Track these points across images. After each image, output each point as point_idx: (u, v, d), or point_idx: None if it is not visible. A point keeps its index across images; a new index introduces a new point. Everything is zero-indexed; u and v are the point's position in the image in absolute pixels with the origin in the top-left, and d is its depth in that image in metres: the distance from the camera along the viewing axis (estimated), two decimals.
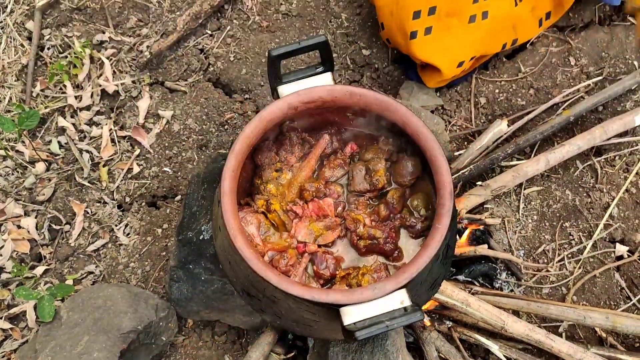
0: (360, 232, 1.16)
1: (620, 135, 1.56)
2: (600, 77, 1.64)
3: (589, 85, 1.64)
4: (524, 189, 1.55)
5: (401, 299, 0.95)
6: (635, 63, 1.66)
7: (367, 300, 0.94)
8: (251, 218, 1.15)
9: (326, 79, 1.12)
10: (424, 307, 1.38)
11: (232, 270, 1.10)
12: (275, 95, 1.11)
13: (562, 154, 1.49)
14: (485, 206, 1.52)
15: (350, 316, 0.93)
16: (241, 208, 1.18)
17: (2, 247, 1.48)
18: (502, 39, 1.60)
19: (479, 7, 1.48)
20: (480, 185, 1.49)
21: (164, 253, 1.50)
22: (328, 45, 1.07)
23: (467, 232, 1.46)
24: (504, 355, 1.31)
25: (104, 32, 1.73)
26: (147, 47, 1.71)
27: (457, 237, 1.45)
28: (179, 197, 1.57)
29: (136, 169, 1.60)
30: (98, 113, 1.66)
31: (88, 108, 1.65)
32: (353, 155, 1.25)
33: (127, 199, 1.57)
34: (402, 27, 1.49)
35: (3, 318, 1.43)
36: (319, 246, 1.16)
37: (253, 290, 1.07)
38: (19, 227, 1.51)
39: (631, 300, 1.45)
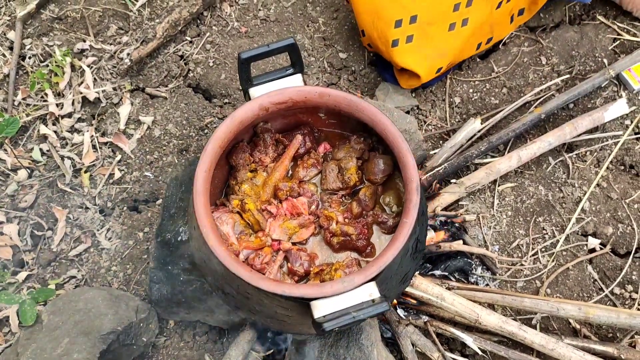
0: (333, 229, 1.19)
1: (591, 131, 1.60)
2: (570, 75, 1.68)
3: (560, 83, 1.68)
4: (498, 185, 1.59)
5: (370, 292, 0.98)
6: (605, 61, 1.70)
7: (337, 293, 0.96)
8: (226, 218, 1.18)
9: (297, 80, 1.15)
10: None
11: (207, 269, 1.12)
12: (247, 97, 1.14)
13: (533, 151, 1.53)
14: (460, 203, 1.55)
15: (320, 309, 0.96)
16: (216, 208, 1.20)
17: None
18: (478, 41, 1.64)
19: (460, 15, 1.52)
20: (455, 183, 1.52)
21: (145, 256, 1.52)
22: (297, 48, 1.11)
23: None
24: (479, 347, 1.33)
25: (84, 41, 1.76)
26: (128, 54, 1.74)
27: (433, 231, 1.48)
28: (160, 201, 1.60)
29: (117, 174, 1.62)
30: (79, 120, 1.68)
31: (69, 115, 1.68)
32: (326, 154, 1.28)
33: (109, 204, 1.59)
34: (383, 36, 1.52)
35: None
36: (294, 244, 1.19)
37: (227, 288, 1.09)
38: (1, 233, 1.53)
39: (604, 291, 1.48)
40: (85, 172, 1.62)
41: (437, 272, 1.45)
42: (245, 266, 1.00)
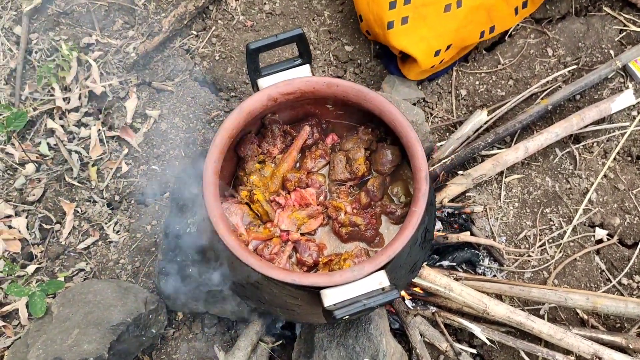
0: (341, 219, 1.19)
1: (598, 122, 1.60)
2: (576, 67, 1.67)
3: (566, 74, 1.67)
4: (505, 176, 1.59)
5: (380, 280, 0.98)
6: (611, 52, 1.69)
7: (346, 282, 0.97)
8: (235, 209, 1.18)
9: (305, 71, 1.15)
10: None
11: (217, 259, 1.12)
12: (255, 88, 1.15)
13: (540, 142, 1.53)
14: (467, 194, 1.55)
15: (330, 298, 0.96)
16: (225, 199, 1.21)
17: None
18: (478, 27, 1.63)
19: None
20: (462, 174, 1.52)
21: (153, 249, 1.52)
22: (305, 38, 1.11)
23: None
24: (487, 338, 1.33)
25: (90, 35, 1.76)
26: (134, 48, 1.74)
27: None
28: (167, 194, 1.60)
29: (125, 168, 1.62)
30: (86, 114, 1.69)
31: (76, 109, 1.68)
32: (334, 146, 1.29)
33: (117, 197, 1.60)
34: (379, 18, 1.53)
35: None
36: (302, 234, 1.20)
37: (237, 278, 1.09)
38: (10, 227, 1.54)
39: (611, 282, 1.48)
40: (93, 165, 1.62)
41: (445, 263, 1.45)
42: (256, 255, 1.00)
